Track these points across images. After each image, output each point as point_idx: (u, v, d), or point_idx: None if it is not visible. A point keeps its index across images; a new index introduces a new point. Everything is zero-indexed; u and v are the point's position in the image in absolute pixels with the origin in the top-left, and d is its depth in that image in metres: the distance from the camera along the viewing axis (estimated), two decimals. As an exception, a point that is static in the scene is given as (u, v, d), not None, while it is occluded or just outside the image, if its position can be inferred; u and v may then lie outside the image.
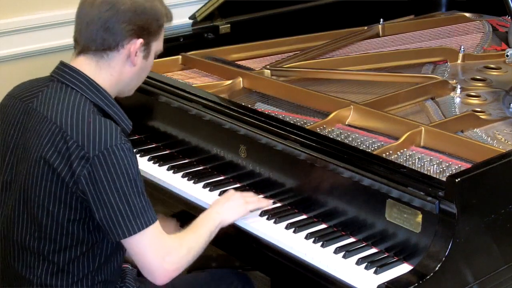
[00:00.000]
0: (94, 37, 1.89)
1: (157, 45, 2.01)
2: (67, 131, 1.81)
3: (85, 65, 1.93)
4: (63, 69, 1.93)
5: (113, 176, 1.79)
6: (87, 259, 1.90)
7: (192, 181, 2.35)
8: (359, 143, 2.22)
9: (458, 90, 2.61)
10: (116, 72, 1.94)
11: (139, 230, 1.82)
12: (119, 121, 1.94)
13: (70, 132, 1.81)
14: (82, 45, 1.93)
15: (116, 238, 1.83)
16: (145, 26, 1.92)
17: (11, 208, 1.94)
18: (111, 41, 1.90)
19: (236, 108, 2.35)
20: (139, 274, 2.12)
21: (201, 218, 2.05)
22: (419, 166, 2.09)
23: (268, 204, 2.16)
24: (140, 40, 1.92)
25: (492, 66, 2.89)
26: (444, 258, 1.78)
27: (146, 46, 1.95)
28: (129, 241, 1.84)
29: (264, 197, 2.23)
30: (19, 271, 1.94)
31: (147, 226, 1.83)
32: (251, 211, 2.12)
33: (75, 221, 1.86)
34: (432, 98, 2.57)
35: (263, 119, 2.26)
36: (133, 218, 1.81)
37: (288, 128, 2.20)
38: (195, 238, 1.97)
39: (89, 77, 1.91)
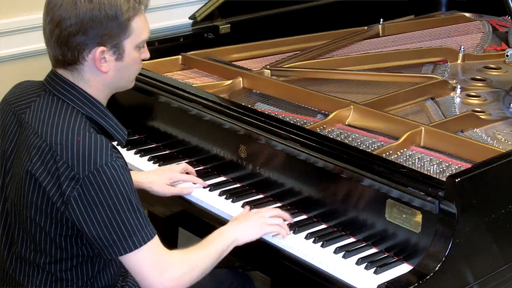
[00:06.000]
0: (55, 54, 1.81)
1: (133, 40, 1.82)
2: (57, 151, 1.74)
3: (66, 77, 1.84)
4: (55, 80, 1.84)
5: (105, 196, 1.72)
6: (86, 267, 1.86)
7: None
8: (359, 143, 2.22)
9: (458, 90, 2.61)
10: (93, 81, 1.83)
11: (136, 248, 1.76)
12: (114, 133, 1.87)
13: (60, 151, 1.73)
14: (52, 61, 1.85)
15: (112, 256, 1.78)
16: (101, 33, 1.76)
17: (8, 218, 1.91)
18: (70, 56, 1.79)
19: (236, 108, 2.35)
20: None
21: (214, 235, 1.97)
22: (419, 166, 2.09)
23: (286, 231, 2.05)
24: (101, 48, 1.78)
25: (492, 66, 2.89)
26: (444, 258, 1.78)
27: (116, 48, 1.80)
28: (125, 258, 1.79)
29: (263, 197, 2.23)
30: (17, 279, 1.91)
31: (144, 243, 1.77)
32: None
33: (67, 236, 1.80)
34: (432, 98, 2.57)
35: (263, 119, 2.26)
36: (129, 236, 1.75)
37: (288, 128, 2.19)
38: (202, 255, 1.90)
39: (80, 88, 1.82)
